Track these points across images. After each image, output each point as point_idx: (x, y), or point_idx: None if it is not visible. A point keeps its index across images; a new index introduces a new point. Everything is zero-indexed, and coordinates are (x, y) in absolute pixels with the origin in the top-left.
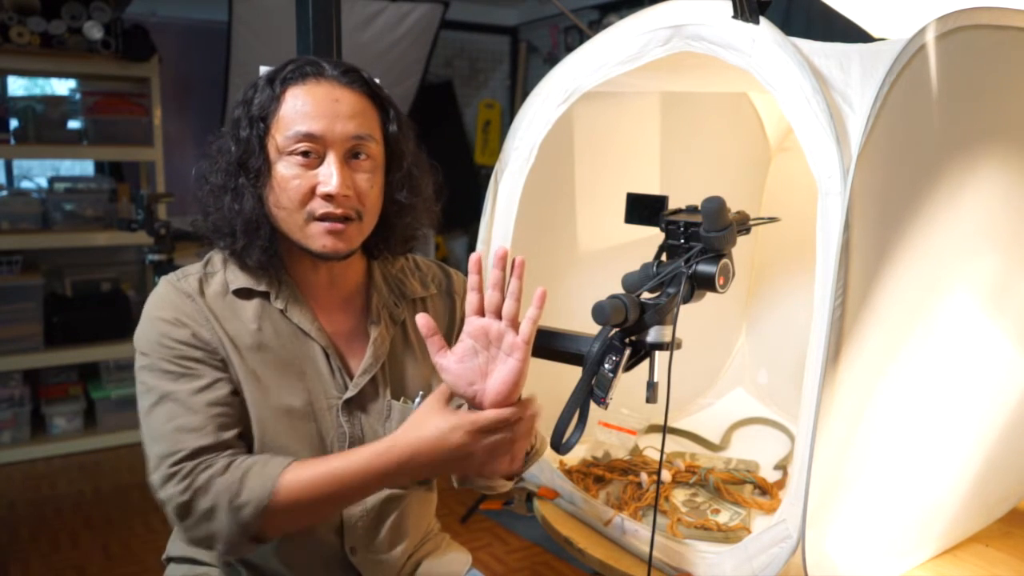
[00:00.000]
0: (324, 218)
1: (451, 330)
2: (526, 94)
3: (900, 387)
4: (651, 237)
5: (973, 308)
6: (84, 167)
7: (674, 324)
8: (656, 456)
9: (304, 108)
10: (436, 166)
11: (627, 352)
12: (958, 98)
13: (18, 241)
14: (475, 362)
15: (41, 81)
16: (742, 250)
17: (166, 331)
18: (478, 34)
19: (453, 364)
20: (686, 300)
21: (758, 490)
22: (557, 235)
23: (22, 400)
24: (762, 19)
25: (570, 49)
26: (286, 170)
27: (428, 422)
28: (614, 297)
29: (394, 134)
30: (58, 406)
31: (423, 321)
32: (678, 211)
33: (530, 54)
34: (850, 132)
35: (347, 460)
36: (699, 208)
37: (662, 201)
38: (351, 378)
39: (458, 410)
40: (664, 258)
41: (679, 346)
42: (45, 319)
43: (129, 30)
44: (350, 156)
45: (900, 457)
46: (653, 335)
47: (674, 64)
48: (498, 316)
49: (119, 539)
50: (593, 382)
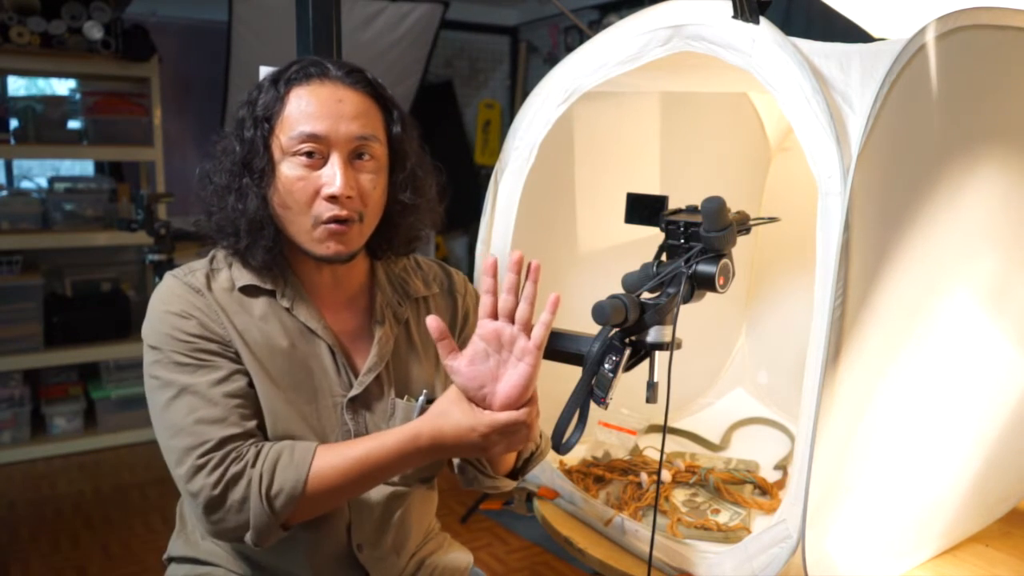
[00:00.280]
0: (329, 222)
1: (453, 329)
2: (526, 94)
3: (900, 387)
4: (651, 237)
5: (973, 308)
6: (84, 167)
7: (674, 324)
8: (656, 456)
9: (308, 108)
10: (439, 167)
11: (627, 352)
12: (958, 98)
13: (18, 241)
14: (486, 365)
15: (41, 81)
16: (742, 250)
17: (178, 324)
18: (478, 34)
19: (464, 367)
20: (686, 300)
21: (758, 490)
22: (557, 235)
23: (22, 400)
24: (762, 19)
25: (570, 49)
26: (290, 171)
27: (450, 415)
28: (614, 297)
29: (398, 135)
30: (58, 406)
31: (434, 324)
32: (678, 211)
33: (530, 54)
34: (850, 132)
35: (373, 445)
36: (699, 208)
37: (662, 201)
38: (356, 376)
39: (475, 408)
40: (664, 258)
41: (679, 346)
42: (45, 319)
43: (129, 30)
44: (354, 157)
45: (900, 457)
46: (653, 335)
47: (674, 64)
48: (511, 320)
49: (119, 539)
50: (593, 382)
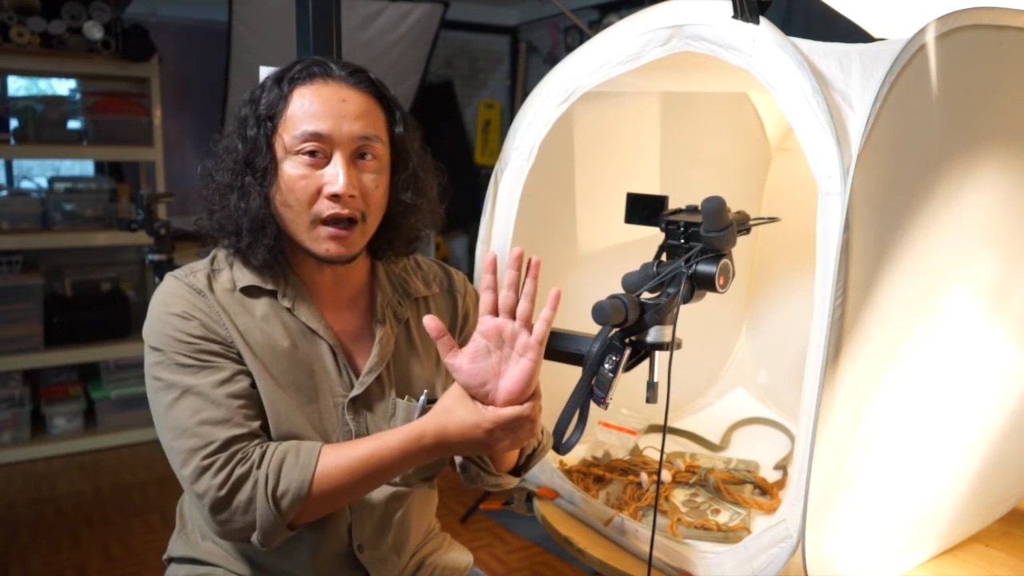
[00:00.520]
0: (330, 220)
1: (453, 328)
2: (526, 94)
3: (900, 387)
4: (651, 237)
5: (973, 308)
6: (84, 167)
7: (674, 324)
8: (656, 456)
9: (311, 108)
10: (441, 167)
11: (627, 352)
12: (958, 98)
13: (18, 241)
14: (488, 362)
15: (41, 81)
16: (742, 250)
17: (179, 326)
18: (478, 34)
19: (466, 364)
20: (686, 300)
21: (758, 490)
22: (557, 235)
23: (22, 400)
24: (762, 19)
25: (570, 49)
26: (293, 170)
27: (454, 412)
28: (614, 297)
29: (400, 135)
30: (58, 406)
31: (431, 323)
32: (678, 211)
33: (530, 54)
34: (850, 132)
35: (378, 445)
36: (699, 208)
37: (662, 201)
38: (357, 376)
39: (478, 404)
40: (664, 258)
41: (679, 346)
42: (45, 319)
43: (129, 30)
44: (356, 156)
45: (900, 457)
46: (653, 335)
47: (674, 64)
48: (512, 316)
49: (119, 539)
50: (593, 382)
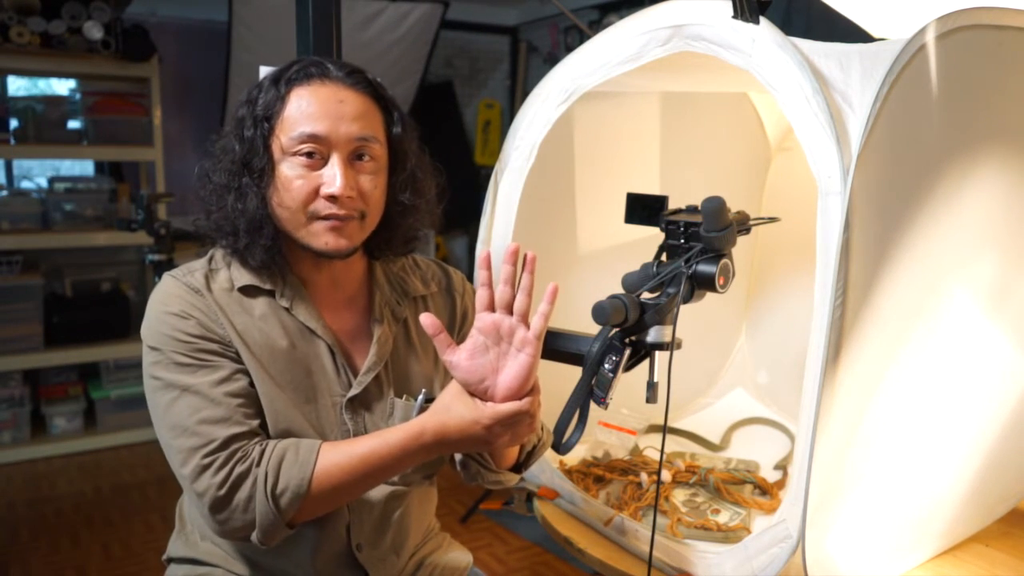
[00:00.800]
0: (327, 218)
1: (452, 327)
2: (526, 94)
3: (900, 387)
4: (651, 237)
5: (973, 308)
6: (84, 167)
7: (674, 324)
8: (656, 456)
9: (309, 109)
10: (439, 167)
11: (627, 352)
12: (958, 98)
13: (18, 241)
14: (486, 358)
15: (41, 81)
16: (742, 250)
17: (178, 325)
18: (478, 34)
19: (464, 361)
20: (686, 300)
21: (758, 490)
22: (557, 235)
23: (22, 400)
24: (762, 19)
25: (570, 49)
26: (290, 170)
27: (453, 409)
28: (614, 297)
29: (398, 136)
30: (58, 406)
31: (428, 321)
32: (678, 211)
33: (530, 54)
34: (850, 132)
35: (377, 443)
36: (699, 208)
37: (662, 201)
38: (355, 376)
39: (477, 401)
40: (664, 258)
41: (679, 346)
42: (45, 319)
43: (129, 30)
44: (354, 157)
45: (900, 457)
46: (653, 335)
47: (674, 64)
48: (509, 312)
49: (119, 539)
50: (593, 382)
